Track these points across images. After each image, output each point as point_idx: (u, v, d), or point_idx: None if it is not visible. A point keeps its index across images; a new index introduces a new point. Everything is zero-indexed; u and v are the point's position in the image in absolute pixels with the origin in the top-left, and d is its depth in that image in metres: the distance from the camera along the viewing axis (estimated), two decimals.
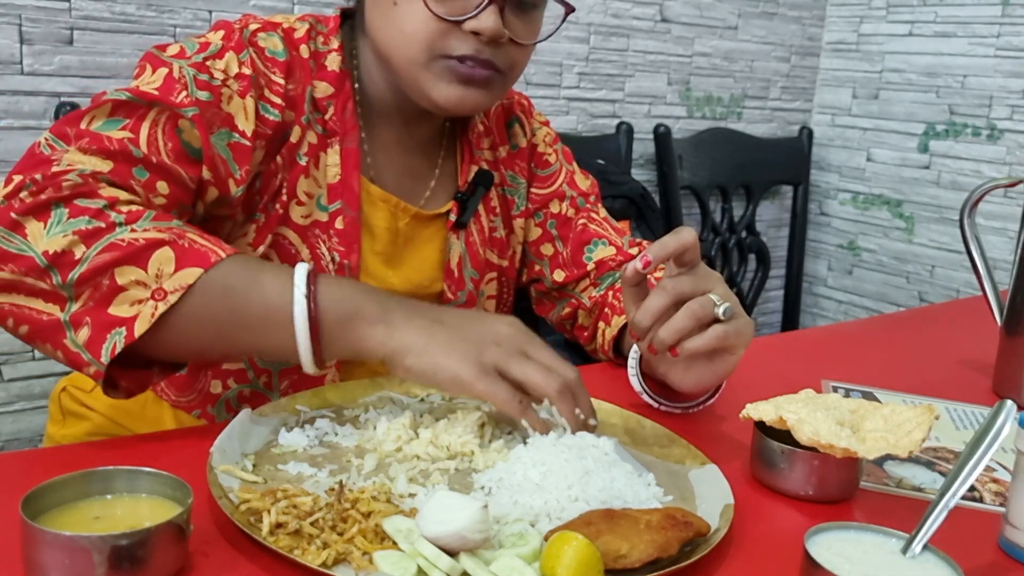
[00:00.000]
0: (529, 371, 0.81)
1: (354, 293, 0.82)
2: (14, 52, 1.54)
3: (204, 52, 0.91)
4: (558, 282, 1.15)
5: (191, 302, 0.76)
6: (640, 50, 2.41)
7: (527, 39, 0.97)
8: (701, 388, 0.89)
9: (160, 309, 0.75)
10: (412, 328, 0.81)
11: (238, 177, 0.90)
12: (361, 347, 0.81)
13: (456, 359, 0.80)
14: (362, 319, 0.81)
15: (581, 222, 1.16)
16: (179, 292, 0.76)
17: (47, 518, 0.60)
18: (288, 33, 0.97)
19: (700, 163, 2.48)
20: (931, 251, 2.58)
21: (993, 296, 1.19)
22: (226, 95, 0.90)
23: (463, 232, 1.08)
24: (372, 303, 0.82)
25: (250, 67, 0.91)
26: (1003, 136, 2.39)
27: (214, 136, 0.88)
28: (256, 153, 0.92)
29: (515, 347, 0.82)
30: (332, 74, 0.98)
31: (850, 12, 2.71)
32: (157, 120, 0.85)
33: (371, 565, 0.62)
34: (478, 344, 0.81)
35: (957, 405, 1.09)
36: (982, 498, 0.84)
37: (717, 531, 0.69)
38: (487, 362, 0.80)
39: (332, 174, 0.98)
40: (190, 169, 0.87)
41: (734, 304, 0.84)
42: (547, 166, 1.17)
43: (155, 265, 0.76)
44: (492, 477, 0.76)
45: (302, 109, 0.96)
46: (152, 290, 0.76)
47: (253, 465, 0.76)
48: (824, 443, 0.76)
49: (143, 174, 0.83)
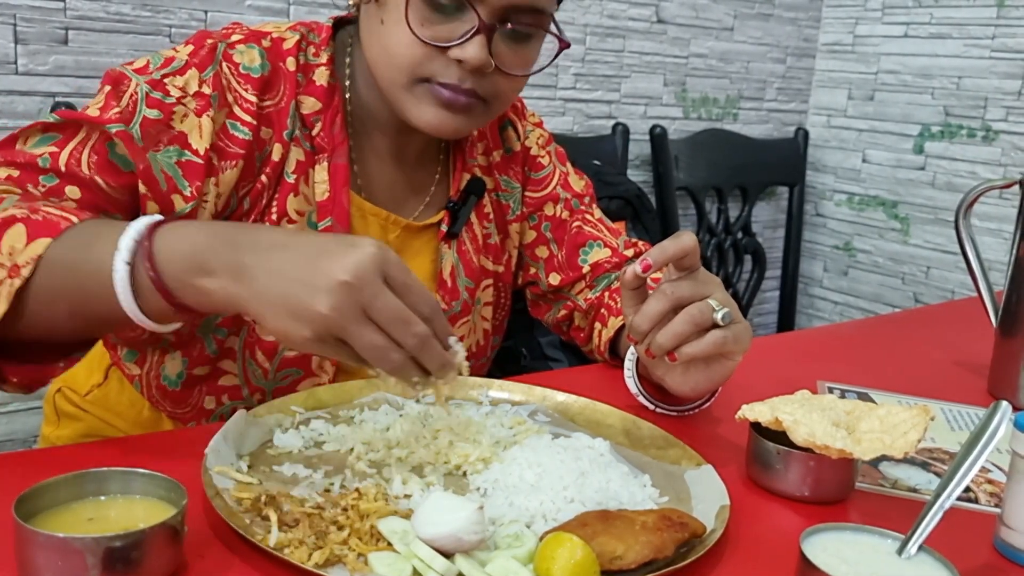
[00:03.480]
0: (365, 340, 0.68)
1: (192, 242, 0.71)
2: (9, 52, 1.53)
3: (166, 68, 0.89)
4: (553, 285, 1.14)
5: (42, 273, 0.73)
6: (636, 51, 2.41)
7: (516, 70, 0.94)
8: (697, 393, 0.89)
9: (16, 285, 0.72)
10: (249, 274, 0.69)
11: (187, 194, 0.88)
12: (205, 300, 0.71)
13: (290, 317, 0.67)
14: (198, 269, 0.70)
15: (576, 224, 1.15)
16: (30, 265, 0.72)
17: (40, 519, 0.59)
18: (276, 44, 0.95)
19: (696, 164, 2.49)
20: (926, 252, 2.59)
21: (988, 297, 1.20)
22: (179, 113, 0.88)
23: (455, 242, 1.07)
24: (208, 252, 0.70)
25: (212, 85, 0.89)
26: (998, 137, 2.40)
27: (160, 154, 0.87)
28: (226, 174, 0.90)
29: (354, 303, 0.67)
30: (320, 88, 0.97)
31: (846, 13, 2.72)
32: (87, 138, 0.85)
33: (366, 567, 0.61)
34: (316, 292, 0.67)
35: (952, 406, 1.10)
36: (977, 499, 0.85)
37: (713, 532, 0.69)
38: (319, 326, 0.67)
39: (321, 191, 0.97)
40: (114, 179, 0.85)
41: (733, 309, 0.83)
42: (540, 168, 1.15)
43: (8, 243, 0.74)
44: (488, 478, 0.76)
45: (284, 124, 0.94)
46: (8, 268, 0.73)
47: (248, 466, 0.75)
48: (820, 444, 0.76)
49: (51, 180, 0.83)
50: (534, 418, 0.91)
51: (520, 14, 0.90)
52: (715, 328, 0.82)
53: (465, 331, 1.09)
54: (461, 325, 1.08)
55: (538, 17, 0.93)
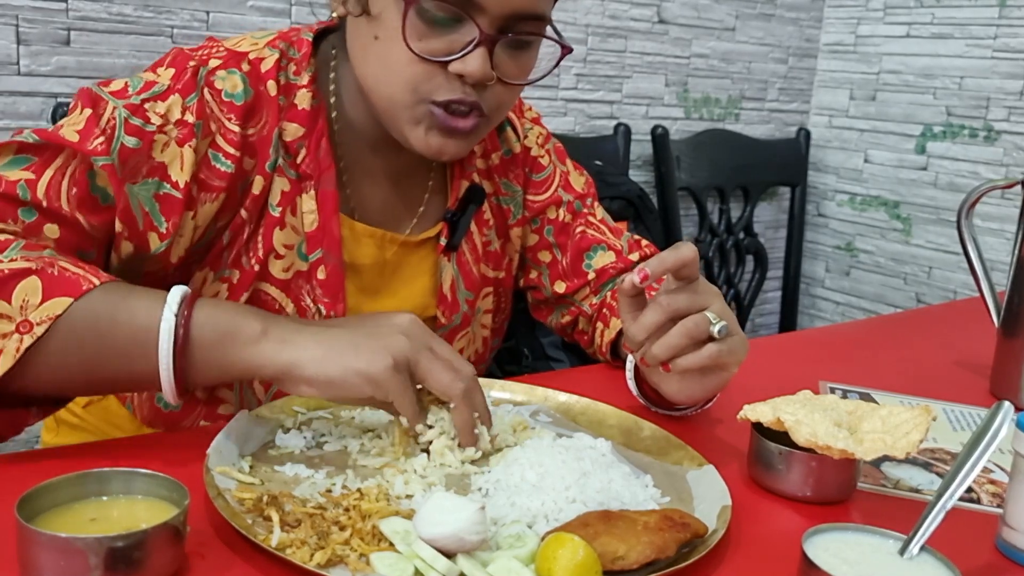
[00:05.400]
0: (435, 369, 0.77)
1: (233, 313, 0.76)
2: (11, 53, 1.53)
3: (146, 92, 0.84)
4: (559, 293, 1.12)
5: (59, 333, 0.71)
6: (638, 51, 2.41)
7: (517, 79, 0.90)
8: (692, 401, 0.88)
9: (26, 343, 0.70)
10: (304, 338, 0.75)
11: (163, 231, 0.84)
12: (243, 368, 0.75)
13: (365, 357, 0.74)
14: (241, 338, 0.75)
15: (579, 229, 1.12)
16: (46, 323, 0.71)
17: (43, 520, 0.59)
18: (254, 66, 0.90)
19: (698, 164, 2.49)
20: (928, 252, 2.58)
21: (990, 297, 1.19)
22: (160, 142, 0.84)
23: (454, 254, 1.04)
24: (252, 321, 0.76)
25: (195, 113, 0.85)
26: (1000, 137, 2.40)
27: (138, 186, 0.83)
28: (205, 207, 0.87)
29: (422, 340, 0.78)
30: (303, 113, 0.92)
31: (847, 14, 2.71)
32: (66, 165, 0.80)
33: (368, 567, 0.61)
34: (384, 337, 0.76)
35: (954, 406, 1.09)
36: (979, 499, 0.84)
37: (715, 532, 0.69)
38: (399, 355, 0.75)
39: (310, 221, 0.93)
40: (94, 216, 0.82)
41: (730, 321, 0.83)
42: (541, 170, 1.12)
43: (20, 296, 0.71)
44: (489, 478, 0.76)
45: (267, 154, 0.90)
46: (17, 323, 0.71)
47: (250, 467, 0.75)
48: (821, 444, 0.76)
49: (30, 215, 0.79)
50: (536, 418, 0.91)
51: (521, 22, 0.86)
52: (711, 341, 0.82)
53: (464, 343, 1.07)
54: (461, 337, 1.06)
55: (539, 24, 0.89)
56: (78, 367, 0.74)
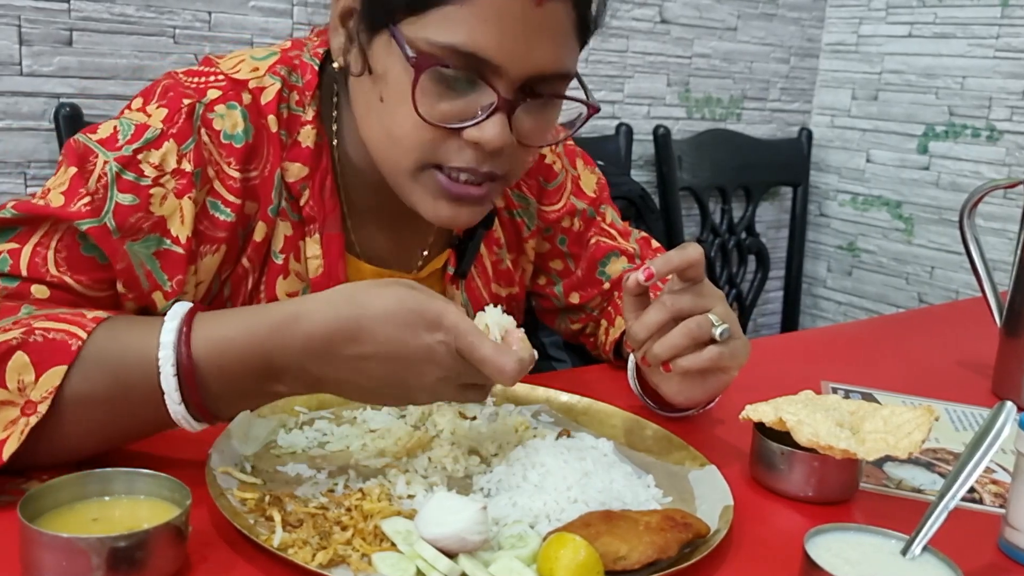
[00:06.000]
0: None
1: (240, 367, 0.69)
2: (13, 53, 1.54)
3: (138, 141, 0.78)
4: (573, 304, 1.11)
5: (63, 404, 0.67)
6: (639, 51, 2.40)
7: (537, 141, 0.83)
8: (692, 403, 0.88)
9: (31, 423, 0.66)
10: (328, 385, 0.71)
11: (167, 289, 0.80)
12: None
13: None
14: (262, 394, 0.71)
15: (593, 240, 1.10)
16: (47, 400, 0.66)
17: (45, 520, 0.60)
18: (255, 97, 0.84)
19: (699, 164, 2.48)
20: (930, 252, 2.58)
21: (993, 297, 1.19)
22: (158, 195, 0.78)
23: (463, 281, 1.01)
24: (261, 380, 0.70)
25: (193, 161, 0.79)
26: (1002, 137, 2.39)
27: (139, 244, 0.78)
28: (207, 260, 0.83)
29: (453, 370, 0.70)
30: (306, 151, 0.86)
31: (849, 13, 2.71)
32: (51, 233, 0.76)
33: (370, 567, 0.61)
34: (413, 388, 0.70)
35: (956, 406, 1.09)
36: (982, 499, 0.84)
37: (716, 532, 0.69)
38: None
39: (315, 267, 0.89)
40: (89, 274, 0.77)
41: (733, 324, 0.83)
42: (553, 177, 1.07)
43: (13, 377, 0.66)
44: (491, 478, 0.76)
45: (269, 198, 0.85)
46: (21, 406, 0.66)
47: (252, 466, 0.75)
48: (823, 444, 0.76)
49: (12, 281, 0.75)
50: (538, 418, 0.91)
51: (545, 83, 0.79)
52: (713, 343, 0.81)
53: None
54: None
55: (563, 82, 0.81)
56: (92, 430, 0.70)
